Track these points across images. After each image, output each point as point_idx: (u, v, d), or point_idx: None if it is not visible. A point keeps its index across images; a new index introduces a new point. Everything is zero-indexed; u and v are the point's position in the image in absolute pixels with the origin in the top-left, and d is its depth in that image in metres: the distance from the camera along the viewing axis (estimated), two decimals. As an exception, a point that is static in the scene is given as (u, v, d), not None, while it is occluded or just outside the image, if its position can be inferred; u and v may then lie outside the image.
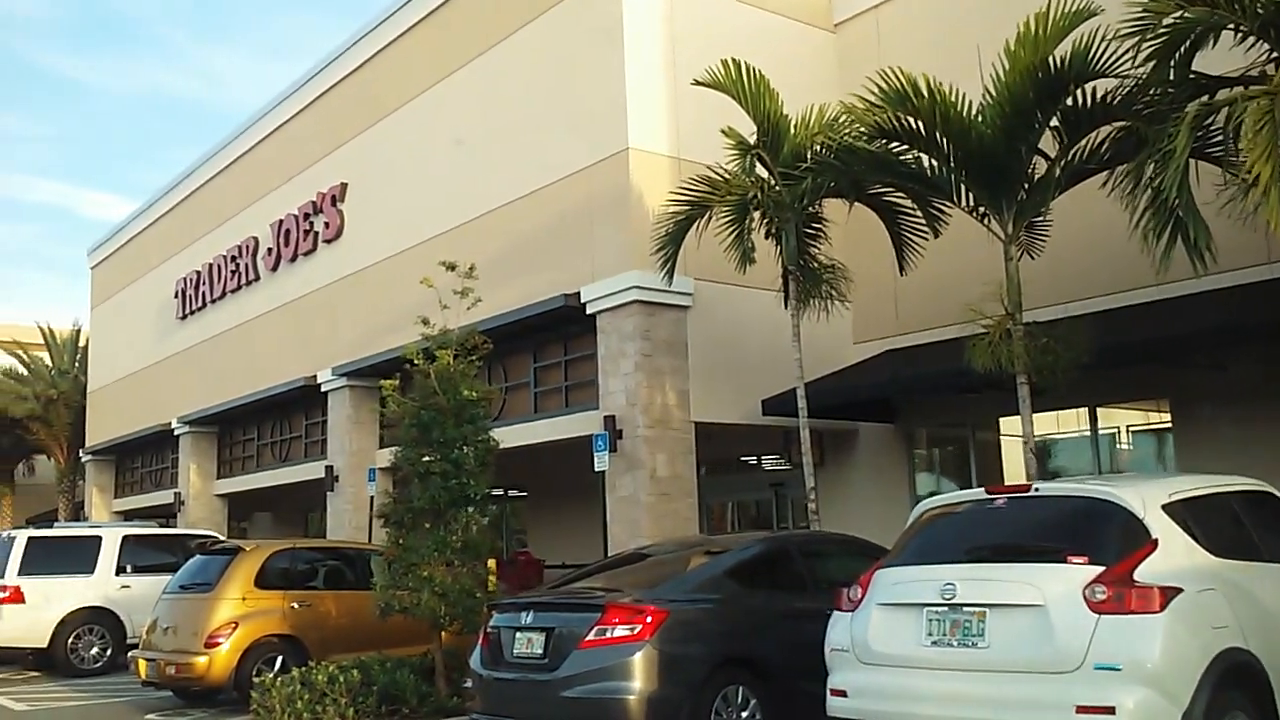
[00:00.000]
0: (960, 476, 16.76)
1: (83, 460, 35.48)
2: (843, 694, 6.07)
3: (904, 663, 5.81)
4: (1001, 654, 5.48)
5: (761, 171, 13.21)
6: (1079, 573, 5.40)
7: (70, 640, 15.73)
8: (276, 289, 24.97)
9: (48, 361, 38.81)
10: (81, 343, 38.69)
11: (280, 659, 11.61)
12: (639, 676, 6.96)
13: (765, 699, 7.40)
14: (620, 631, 7.05)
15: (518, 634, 7.56)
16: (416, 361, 10.37)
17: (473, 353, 10.62)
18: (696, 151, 15.46)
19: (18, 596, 15.53)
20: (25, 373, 38.34)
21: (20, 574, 15.63)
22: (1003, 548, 6.01)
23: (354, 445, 21.69)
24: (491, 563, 13.86)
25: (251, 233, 25.99)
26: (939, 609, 5.74)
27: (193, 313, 28.91)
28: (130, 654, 12.22)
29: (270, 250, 25.04)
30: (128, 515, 31.45)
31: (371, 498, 20.66)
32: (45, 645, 15.66)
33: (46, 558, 15.98)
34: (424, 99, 20.41)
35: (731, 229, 12.89)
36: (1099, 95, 10.39)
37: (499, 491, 28.89)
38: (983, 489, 6.54)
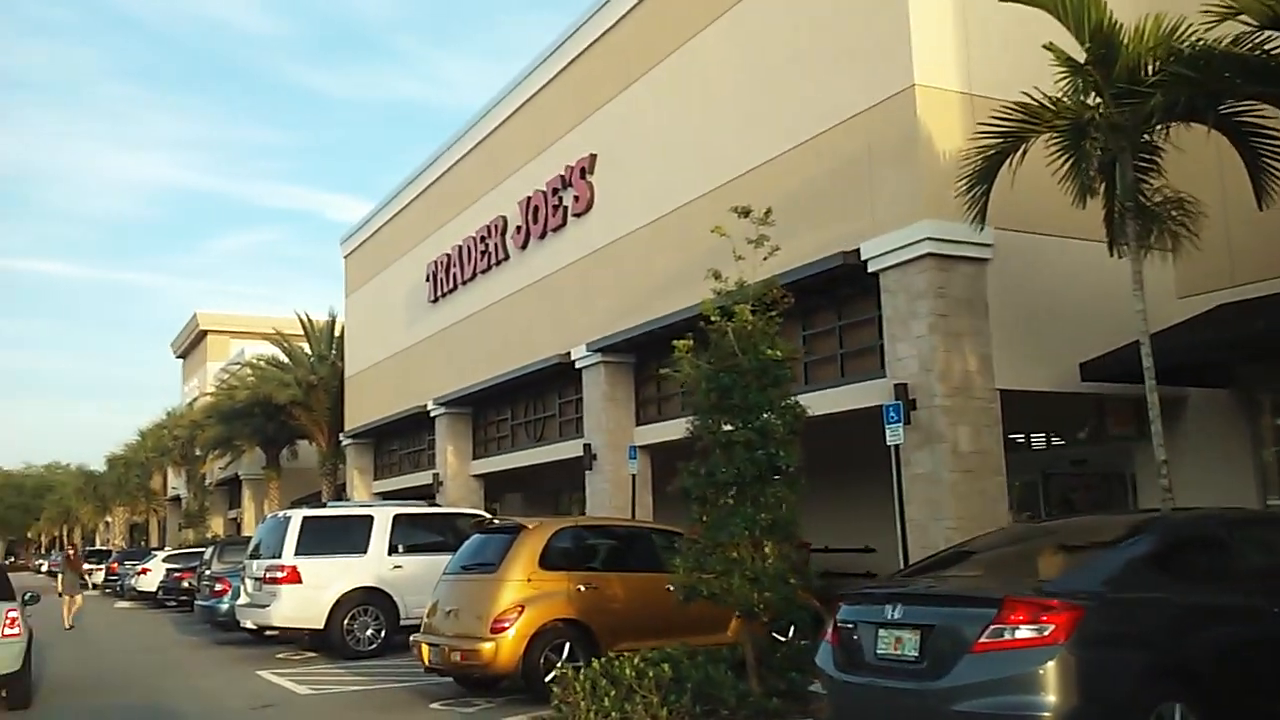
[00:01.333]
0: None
1: (343, 444, 36.62)
2: None
3: None
4: None
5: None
6: None
7: (346, 621, 15.54)
8: (527, 267, 24.58)
9: (307, 350, 40.38)
10: (337, 331, 40.01)
11: (568, 646, 10.77)
12: (1054, 690, 5.50)
13: (1211, 721, 5.79)
14: (1025, 633, 5.62)
15: (881, 631, 6.22)
16: (713, 318, 9.21)
17: (772, 308, 9.35)
18: (990, 85, 13.82)
19: (295, 577, 15.43)
20: (287, 361, 40.03)
21: (297, 554, 15.54)
22: None
23: (610, 423, 20.92)
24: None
25: (500, 212, 25.72)
26: None
27: (444, 295, 29.04)
28: (412, 638, 11.65)
29: (519, 228, 24.66)
30: (387, 497, 32.07)
31: (633, 476, 19.88)
32: (322, 626, 15.52)
33: (320, 538, 15.85)
34: (676, 57, 19.34)
35: (1064, 159, 11.09)
36: None
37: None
38: None
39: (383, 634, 15.67)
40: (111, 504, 68.52)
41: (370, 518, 16.25)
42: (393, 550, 16.06)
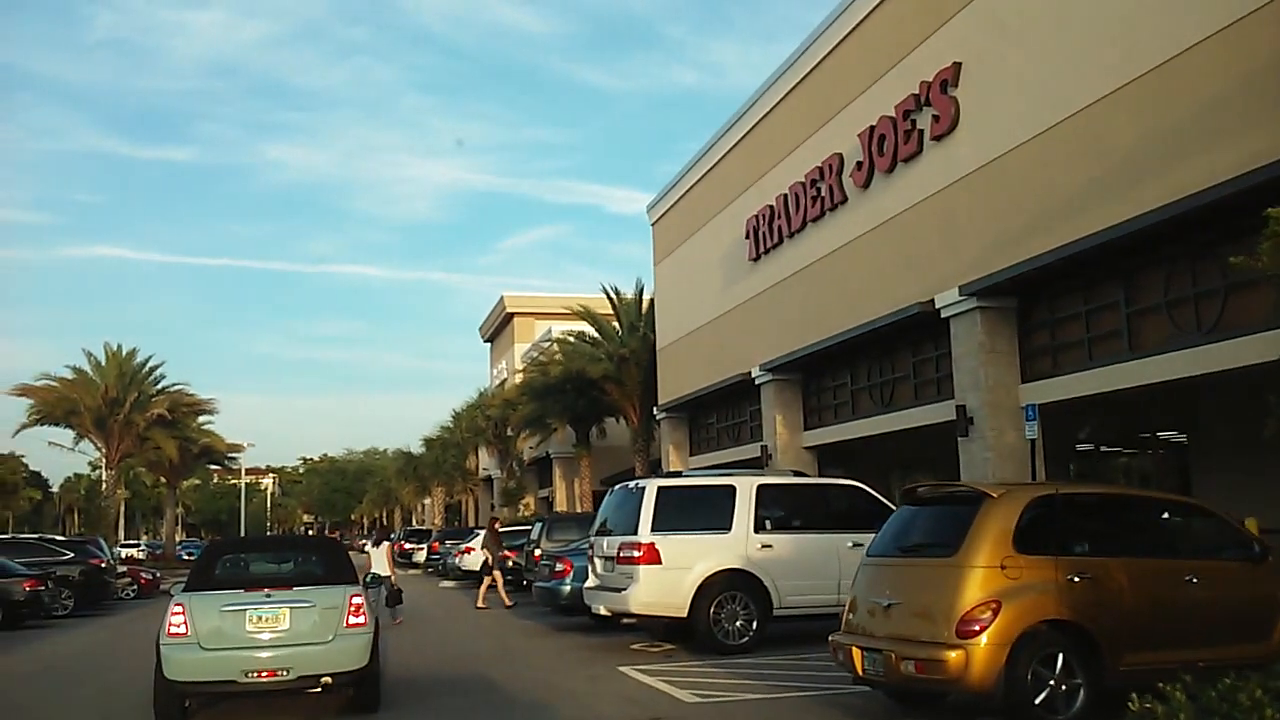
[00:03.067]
0: None
1: (657, 418, 34.94)
2: None
3: None
4: None
5: None
6: None
7: (712, 609, 13.23)
8: (869, 207, 21.58)
9: (616, 325, 39.07)
10: (644, 305, 38.41)
11: (1060, 658, 7.84)
12: None
13: None
14: None
15: None
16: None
17: None
18: None
19: (653, 556, 13.26)
20: (597, 335, 38.88)
21: (654, 530, 13.36)
22: None
23: (990, 380, 17.64)
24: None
25: (834, 150, 22.82)
26: None
27: (766, 251, 26.46)
28: (833, 638, 9.00)
29: (860, 164, 21.68)
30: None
31: (1031, 442, 16.54)
32: (685, 615, 13.29)
33: (678, 511, 13.61)
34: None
35: None
36: None
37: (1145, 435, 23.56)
38: None
39: (754, 625, 13.27)
40: (430, 484, 70.82)
41: (732, 489, 13.84)
42: (760, 527, 13.62)
